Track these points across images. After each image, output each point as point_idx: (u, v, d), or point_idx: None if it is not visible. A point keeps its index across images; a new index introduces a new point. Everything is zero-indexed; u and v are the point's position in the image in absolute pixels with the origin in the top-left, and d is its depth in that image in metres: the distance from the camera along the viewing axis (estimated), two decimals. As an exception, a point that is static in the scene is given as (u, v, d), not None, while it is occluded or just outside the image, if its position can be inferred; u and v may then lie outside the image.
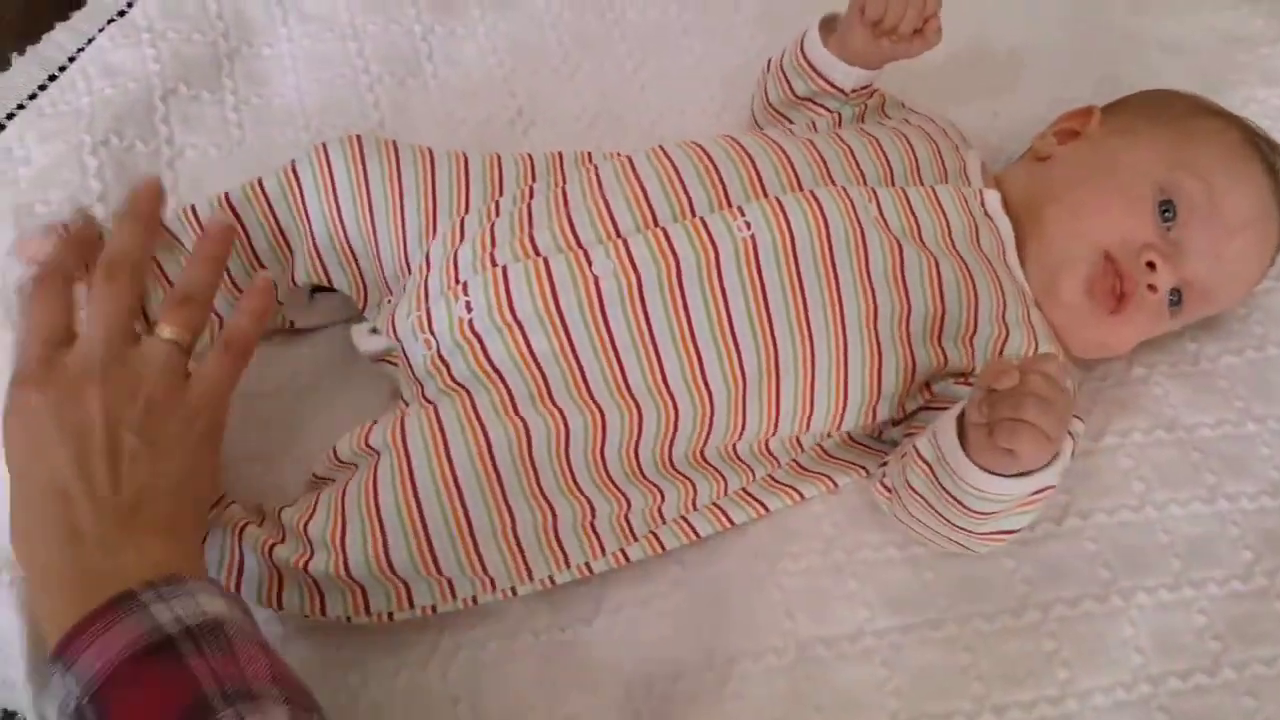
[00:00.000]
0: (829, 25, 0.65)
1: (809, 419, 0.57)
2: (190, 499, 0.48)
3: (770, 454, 0.58)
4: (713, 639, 0.55)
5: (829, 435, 0.59)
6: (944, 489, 0.52)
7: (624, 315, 0.53)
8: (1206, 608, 0.58)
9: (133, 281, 0.49)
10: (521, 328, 0.53)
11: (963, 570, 0.58)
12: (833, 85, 0.65)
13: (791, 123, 0.68)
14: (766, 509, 0.58)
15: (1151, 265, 0.58)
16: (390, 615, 0.52)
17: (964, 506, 0.52)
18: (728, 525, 0.57)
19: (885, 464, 0.58)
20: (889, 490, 0.57)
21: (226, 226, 0.54)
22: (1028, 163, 0.67)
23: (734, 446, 0.57)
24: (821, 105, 0.67)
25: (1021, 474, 0.50)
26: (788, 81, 0.67)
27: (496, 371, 0.53)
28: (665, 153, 0.58)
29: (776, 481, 0.59)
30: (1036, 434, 0.48)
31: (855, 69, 0.64)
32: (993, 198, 0.62)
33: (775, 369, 0.55)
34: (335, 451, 0.55)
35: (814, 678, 0.55)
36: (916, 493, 0.54)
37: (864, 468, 0.60)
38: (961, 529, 0.54)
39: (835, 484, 0.60)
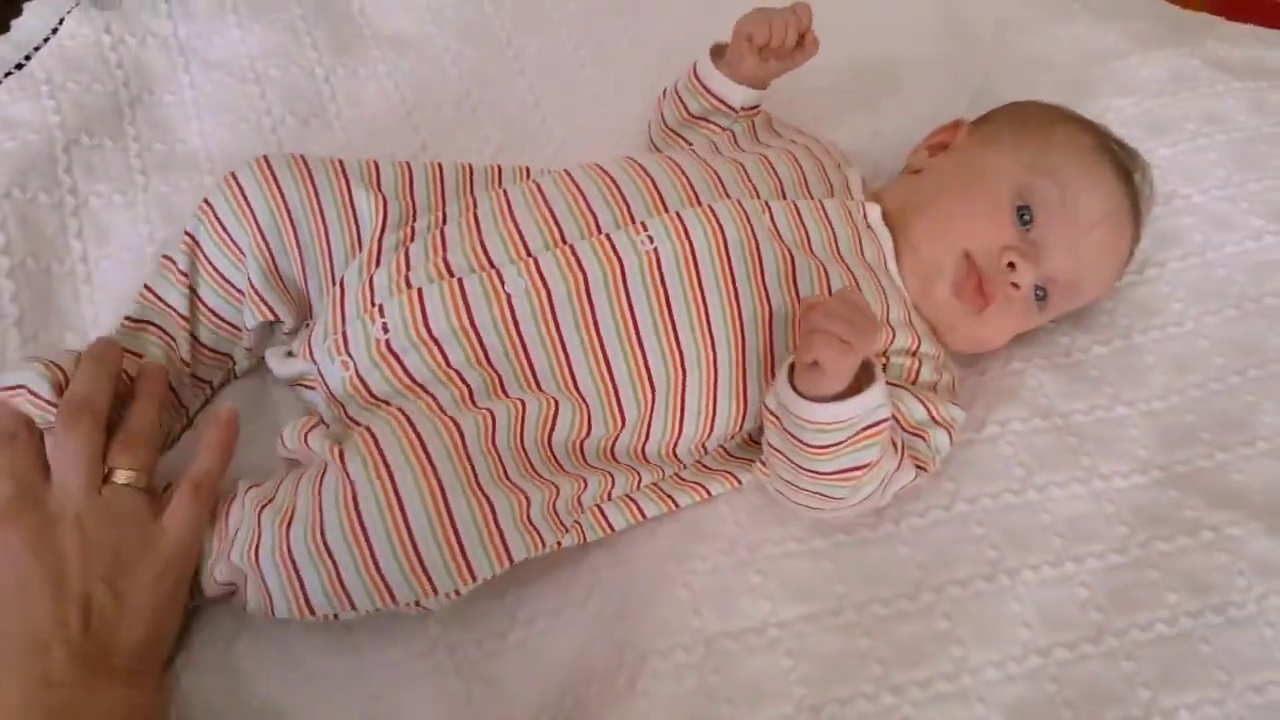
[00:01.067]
0: (718, 51, 0.70)
1: (712, 418, 0.60)
2: (156, 645, 0.51)
3: (676, 458, 0.61)
4: (624, 641, 0.57)
5: (731, 437, 0.62)
6: (789, 434, 0.56)
7: (536, 330, 0.56)
8: (1088, 581, 0.62)
9: (95, 425, 0.52)
10: (438, 344, 0.56)
11: (860, 558, 0.62)
12: (724, 103, 0.70)
13: (689, 143, 0.72)
14: (676, 504, 0.61)
15: (1012, 265, 0.63)
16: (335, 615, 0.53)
17: (806, 445, 0.55)
18: (641, 518, 0.60)
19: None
20: (765, 465, 0.60)
21: (160, 367, 0.58)
22: (904, 177, 0.72)
23: (642, 449, 0.60)
24: (714, 123, 0.71)
25: (840, 397, 0.54)
26: (683, 103, 0.71)
27: (418, 384, 0.56)
28: (570, 175, 0.62)
29: (684, 480, 0.62)
30: (827, 338, 0.52)
31: (744, 88, 0.69)
32: (874, 211, 0.66)
33: (681, 370, 0.58)
34: (282, 438, 0.58)
35: (722, 671, 0.57)
36: (775, 450, 0.58)
37: (763, 462, 0.62)
38: (813, 472, 0.57)
39: (739, 481, 0.63)
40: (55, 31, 0.74)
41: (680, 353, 0.58)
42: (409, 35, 0.79)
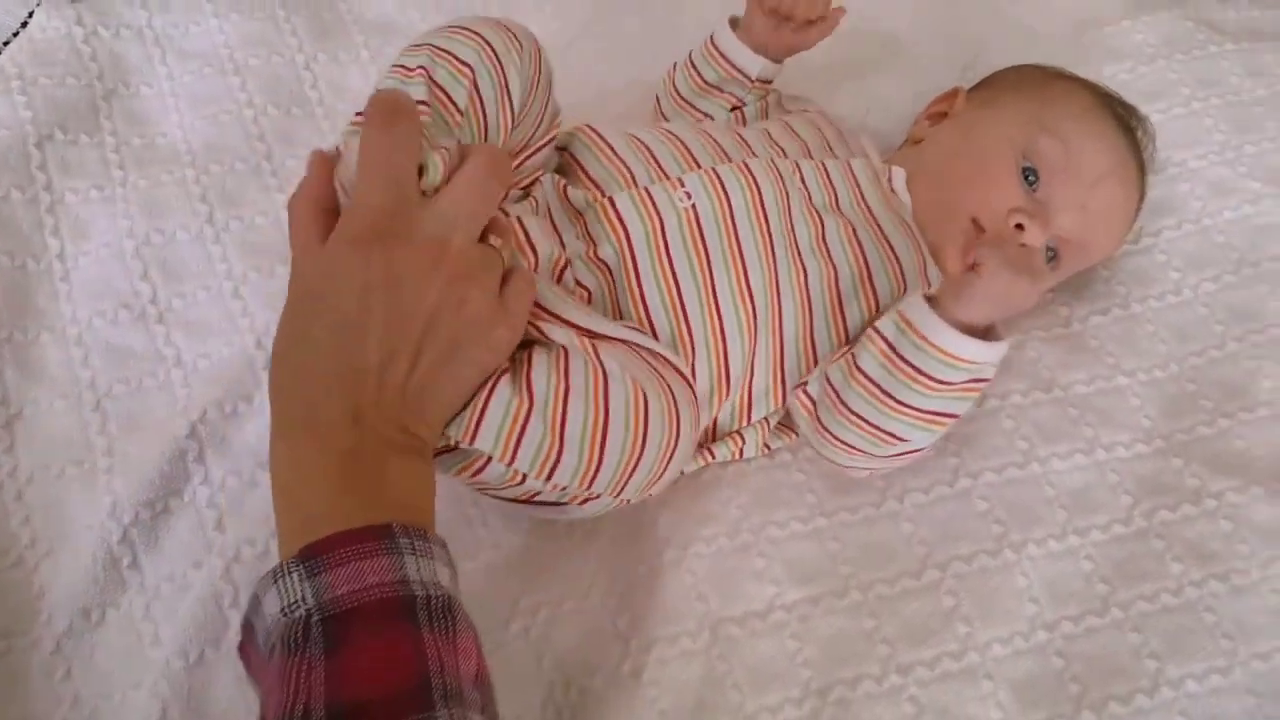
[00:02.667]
0: (735, 23, 0.69)
1: (750, 386, 0.59)
2: (445, 421, 0.47)
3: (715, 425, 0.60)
4: (628, 629, 0.57)
5: (774, 412, 0.61)
6: (903, 361, 0.54)
7: (597, 288, 0.56)
8: (1092, 553, 0.61)
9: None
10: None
11: (864, 537, 0.61)
12: (739, 71, 0.69)
13: (703, 114, 0.71)
14: (681, 471, 0.60)
15: (1020, 226, 0.62)
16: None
17: (921, 375, 0.54)
18: None
19: (805, 382, 0.60)
20: (811, 399, 0.59)
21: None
22: (907, 148, 0.71)
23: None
24: (728, 93, 0.70)
25: (983, 339, 0.54)
26: (697, 71, 0.70)
27: None
28: (593, 130, 0.61)
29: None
30: (1003, 255, 0.53)
31: (760, 57, 0.68)
32: (899, 175, 0.66)
33: (721, 336, 0.57)
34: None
35: (728, 657, 0.56)
36: (864, 376, 0.56)
37: (808, 395, 0.61)
38: (907, 406, 0.55)
39: (743, 451, 0.61)
40: (25, 25, 0.72)
41: (720, 318, 0.57)
42: (391, 19, 0.78)
